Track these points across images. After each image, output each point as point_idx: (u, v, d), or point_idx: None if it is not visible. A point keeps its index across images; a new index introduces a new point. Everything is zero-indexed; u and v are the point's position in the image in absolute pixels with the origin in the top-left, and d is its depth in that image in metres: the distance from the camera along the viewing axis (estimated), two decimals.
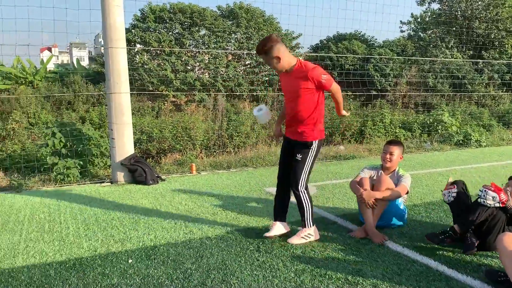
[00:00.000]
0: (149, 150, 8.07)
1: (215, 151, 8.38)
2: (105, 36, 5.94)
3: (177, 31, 19.04)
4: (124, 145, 6.17)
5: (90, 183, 6.22)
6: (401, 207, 4.13)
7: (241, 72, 19.33)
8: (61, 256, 3.50)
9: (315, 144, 3.63)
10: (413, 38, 21.89)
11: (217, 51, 18.69)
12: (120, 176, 6.15)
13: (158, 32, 18.50)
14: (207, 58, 19.10)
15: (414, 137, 10.57)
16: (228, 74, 18.45)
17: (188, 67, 18.85)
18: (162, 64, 17.80)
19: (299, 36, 21.15)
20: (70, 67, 28.01)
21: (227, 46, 19.57)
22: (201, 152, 8.34)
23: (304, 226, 3.75)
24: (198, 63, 18.99)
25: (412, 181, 4.46)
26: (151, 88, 17.53)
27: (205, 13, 18.71)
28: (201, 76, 18.79)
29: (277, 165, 4.03)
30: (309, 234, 3.74)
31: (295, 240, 3.71)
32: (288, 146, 3.75)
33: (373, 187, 3.92)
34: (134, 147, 6.53)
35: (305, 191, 3.66)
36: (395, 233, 3.94)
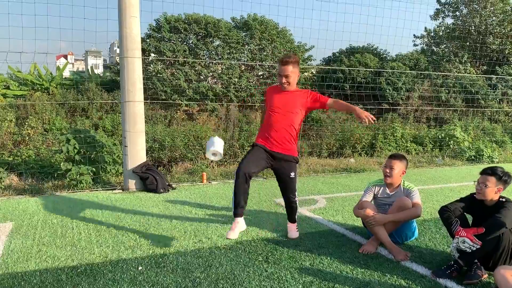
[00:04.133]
0: (161, 158, 8.16)
1: (226, 161, 8.43)
2: (121, 46, 6.06)
3: (191, 41, 19.27)
4: (137, 153, 6.25)
5: (102, 189, 6.30)
6: (413, 224, 4.10)
7: (253, 83, 19.46)
8: (72, 261, 3.55)
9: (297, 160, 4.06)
10: (426, 52, 21.84)
11: (230, 62, 18.85)
12: (132, 183, 6.23)
13: (172, 42, 18.74)
14: (220, 69, 19.27)
15: (425, 151, 10.52)
16: (241, 85, 18.58)
17: (201, 77, 19.03)
18: (176, 73, 18.00)
19: (312, 48, 21.26)
20: (85, 74, 28.42)
21: (240, 57, 19.73)
22: (211, 162, 8.39)
23: (292, 222, 4.28)
24: (211, 73, 19.17)
25: (423, 196, 4.45)
26: (163, 97, 17.71)
27: (220, 24, 18.93)
28: (214, 86, 18.95)
29: None
30: (297, 228, 4.32)
31: (296, 234, 4.27)
32: (270, 153, 3.89)
33: (378, 207, 3.94)
34: (146, 155, 6.61)
35: (297, 201, 4.18)
36: (404, 247, 3.92)
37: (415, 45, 23.08)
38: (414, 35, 22.57)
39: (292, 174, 3.96)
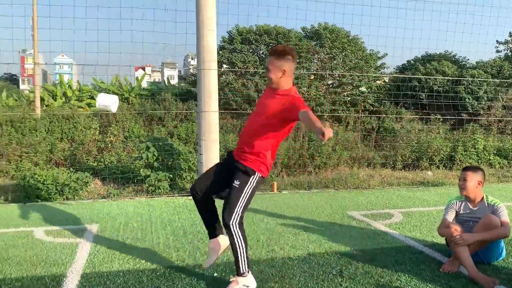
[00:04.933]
0: None
1: (295, 171, 8.41)
2: (199, 58, 6.31)
3: (262, 51, 19.57)
4: (211, 161, 6.42)
5: (178, 195, 6.56)
6: (501, 244, 3.82)
7: (322, 92, 19.29)
8: (152, 264, 3.73)
9: (257, 175, 3.13)
10: (511, 59, 20.35)
11: (300, 71, 18.88)
12: None
13: (244, 53, 19.16)
14: None
15: (510, 165, 9.75)
16: (310, 94, 18.50)
17: None
18: (246, 83, 18.35)
19: (385, 56, 20.66)
20: (162, 85, 29.88)
21: (309, 66, 19.68)
22: (281, 171, 8.42)
23: (238, 274, 3.15)
24: None
25: (509, 214, 4.12)
26: (234, 106, 18.12)
27: (290, 34, 19.05)
28: None
29: (360, 188, 3.96)
30: (244, 285, 3.14)
31: None
32: (227, 163, 3.31)
33: (461, 225, 3.68)
34: None
35: (238, 228, 3.08)
36: (490, 268, 3.65)
37: (498, 51, 21.63)
38: (497, 40, 21.17)
39: (236, 183, 3.09)
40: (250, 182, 3.11)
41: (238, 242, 3.09)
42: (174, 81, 45.42)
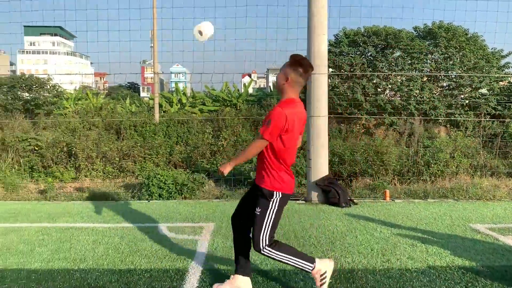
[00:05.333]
0: (341, 172, 8.19)
1: (409, 178, 7.98)
2: None
3: (370, 53, 18.99)
4: (320, 166, 6.40)
5: None
6: None
7: (437, 94, 18.08)
8: (266, 266, 3.83)
9: (276, 197, 3.03)
10: None
11: (412, 73, 17.93)
12: (314, 195, 6.39)
13: (351, 56, 18.78)
14: (400, 80, 18.49)
15: None
16: (423, 97, 17.45)
17: (379, 90, 18.55)
18: (354, 87, 17.96)
19: (509, 54, 18.67)
20: (267, 90, 30.60)
21: (422, 67, 18.59)
22: (393, 178, 8.05)
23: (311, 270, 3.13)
24: (390, 86, 18.54)
25: None
26: (339, 111, 17.83)
27: (401, 34, 18.20)
28: (392, 98, 18.25)
29: (483, 199, 3.63)
30: (321, 275, 3.11)
31: None
32: (252, 189, 3.27)
33: None
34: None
35: (270, 248, 3.07)
36: None
37: None
38: None
39: (258, 210, 3.07)
40: (271, 206, 3.06)
41: (282, 258, 3.09)
42: None
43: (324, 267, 3.13)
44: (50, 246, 4.37)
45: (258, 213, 3.06)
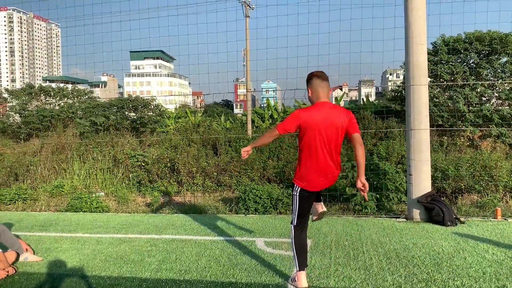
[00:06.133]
0: (444, 188, 7.67)
1: None
2: (408, 74, 6.09)
3: (472, 61, 17.70)
4: (421, 182, 6.08)
5: (386, 216, 6.38)
6: None
7: None
8: (367, 285, 3.69)
9: (296, 189, 3.62)
10: None
11: None
12: (416, 213, 6.07)
13: (451, 64, 17.68)
14: (508, 88, 16.94)
15: None
16: None
17: (484, 99, 17.16)
18: (455, 96, 16.84)
19: None
20: (359, 102, 29.93)
21: None
22: (505, 195, 7.35)
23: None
24: (496, 94, 17.06)
25: None
26: (440, 122, 16.78)
27: (508, 38, 16.72)
28: (500, 108, 16.76)
29: None
30: (291, 279, 3.75)
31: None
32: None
33: None
34: None
35: (293, 230, 3.65)
36: None
37: None
38: None
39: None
40: (292, 194, 3.69)
41: (291, 240, 3.67)
42: (372, 98, 44.91)
43: (304, 284, 3.56)
44: (158, 257, 4.69)
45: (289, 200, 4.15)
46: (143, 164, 9.66)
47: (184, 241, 5.28)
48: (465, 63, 17.93)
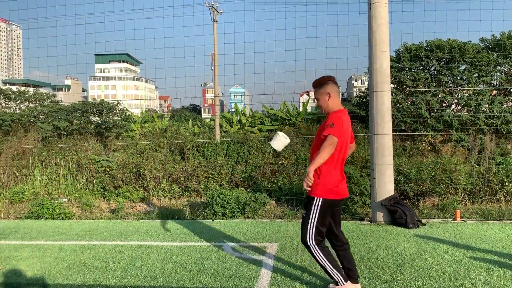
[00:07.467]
0: (407, 191, 7.90)
1: (481, 198, 7.53)
2: (371, 80, 6.25)
3: (433, 68, 18.37)
4: (385, 185, 6.24)
5: (351, 219, 6.51)
6: None
7: (508, 109, 17.05)
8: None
9: (318, 202, 3.33)
10: None
11: (479, 87, 17.08)
12: (380, 216, 6.22)
13: (413, 71, 18.28)
14: (467, 94, 17.66)
15: None
16: (493, 111, 16.54)
17: (444, 105, 17.83)
18: (417, 102, 17.40)
19: None
20: None
21: (491, 80, 17.66)
22: (464, 198, 7.64)
23: (335, 284, 3.46)
24: (456, 100, 17.76)
25: None
26: (403, 127, 17.30)
27: (466, 47, 17.47)
28: (459, 114, 17.45)
29: None
30: None
31: None
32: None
33: None
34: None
35: (315, 246, 3.37)
36: None
37: None
38: None
39: (304, 212, 3.45)
40: (313, 209, 3.36)
41: (317, 258, 3.37)
42: None
43: None
44: (122, 263, 4.60)
45: (304, 215, 3.48)
46: (108, 170, 9.46)
47: (150, 247, 5.20)
48: (426, 70, 18.59)
